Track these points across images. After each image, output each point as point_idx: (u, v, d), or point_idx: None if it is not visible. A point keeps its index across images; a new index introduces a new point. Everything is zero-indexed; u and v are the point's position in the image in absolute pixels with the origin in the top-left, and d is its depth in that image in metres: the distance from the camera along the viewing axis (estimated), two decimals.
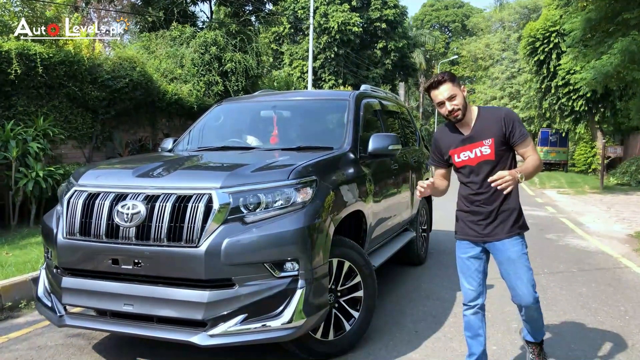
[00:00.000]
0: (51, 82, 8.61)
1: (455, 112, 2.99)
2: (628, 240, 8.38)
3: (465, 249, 3.15)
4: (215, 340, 3.02)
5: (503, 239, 3.02)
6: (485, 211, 3.04)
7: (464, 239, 3.15)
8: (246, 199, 3.16)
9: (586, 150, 25.33)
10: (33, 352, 3.78)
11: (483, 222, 3.06)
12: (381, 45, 33.88)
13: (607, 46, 14.16)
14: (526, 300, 3.04)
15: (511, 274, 3.04)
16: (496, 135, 2.98)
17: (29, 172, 7.64)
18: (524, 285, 3.02)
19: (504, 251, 3.03)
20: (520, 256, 3.02)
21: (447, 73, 3.03)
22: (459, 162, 3.10)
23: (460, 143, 3.07)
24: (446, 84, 2.98)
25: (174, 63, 13.28)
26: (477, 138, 3.02)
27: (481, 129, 3.03)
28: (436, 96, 3.02)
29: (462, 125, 3.08)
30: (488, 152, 2.99)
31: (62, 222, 3.41)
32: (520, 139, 2.99)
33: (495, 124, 3.00)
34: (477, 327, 3.15)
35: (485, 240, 3.07)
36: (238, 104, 5.67)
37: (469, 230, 3.12)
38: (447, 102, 2.98)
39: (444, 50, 57.73)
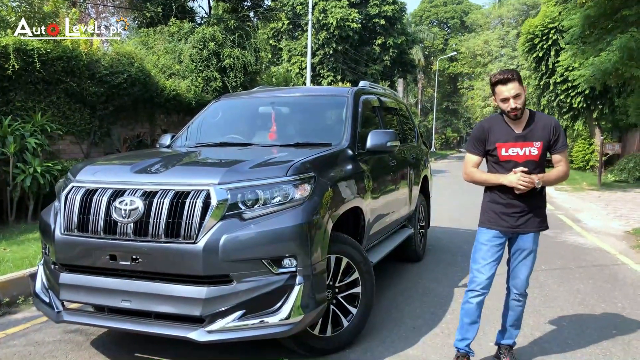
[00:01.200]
0: (49, 78, 8.58)
1: (516, 110, 3.17)
2: (625, 237, 8.39)
3: (491, 238, 3.36)
4: (213, 336, 3.02)
5: (531, 232, 3.34)
6: (521, 205, 3.28)
7: (494, 229, 3.35)
8: (244, 195, 3.16)
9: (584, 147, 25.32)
10: (31, 347, 3.78)
11: (517, 215, 3.30)
12: (380, 41, 33.81)
13: (605, 43, 14.14)
14: (521, 283, 3.42)
15: (522, 261, 3.40)
16: (545, 139, 3.24)
17: (26, 167, 7.63)
18: (527, 271, 3.41)
19: (527, 242, 3.36)
20: (536, 249, 3.41)
21: (516, 72, 3.20)
22: (504, 157, 3.28)
23: (512, 139, 3.26)
24: (514, 83, 3.15)
25: (172, 59, 13.25)
26: (529, 138, 3.25)
27: (533, 131, 3.25)
28: (502, 92, 3.18)
29: (515, 123, 3.27)
30: (535, 153, 3.24)
31: (59, 218, 3.40)
32: (561, 149, 3.29)
33: (545, 130, 3.25)
34: (477, 314, 3.40)
35: (516, 231, 3.34)
36: (236, 100, 5.66)
37: (501, 221, 3.33)
38: (512, 100, 3.15)
39: (443, 46, 57.68)
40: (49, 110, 8.62)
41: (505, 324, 3.55)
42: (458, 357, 3.46)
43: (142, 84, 10.54)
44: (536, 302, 4.90)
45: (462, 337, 3.44)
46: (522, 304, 3.48)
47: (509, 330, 3.54)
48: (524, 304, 3.50)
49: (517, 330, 3.55)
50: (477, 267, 3.37)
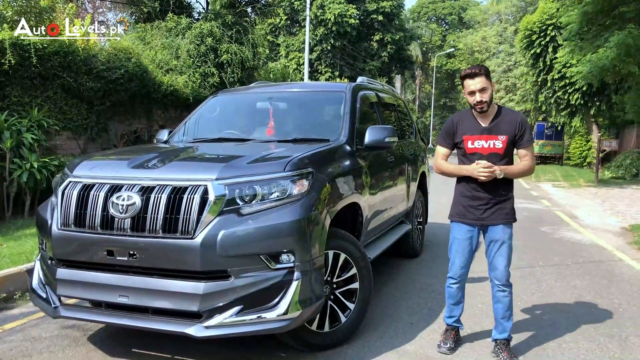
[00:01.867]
0: (45, 73, 8.54)
1: (482, 103, 3.36)
2: (622, 233, 8.42)
3: (463, 232, 3.56)
4: (210, 332, 3.02)
5: (499, 223, 3.47)
6: (486, 197, 3.45)
7: (463, 222, 3.55)
8: (242, 190, 3.15)
9: (581, 144, 25.40)
10: (28, 343, 3.77)
11: (482, 207, 3.47)
12: (378, 37, 33.76)
13: (603, 39, 14.16)
14: (501, 274, 3.51)
15: (497, 252, 3.50)
16: (510, 134, 3.40)
17: (23, 163, 7.60)
18: (505, 261, 3.50)
19: (497, 233, 3.48)
20: (509, 238, 3.50)
21: (484, 67, 3.40)
22: (470, 149, 3.46)
23: (478, 132, 3.44)
24: (481, 77, 3.34)
25: (169, 54, 13.20)
26: (494, 132, 3.41)
27: (498, 125, 3.42)
28: (469, 85, 3.37)
29: (482, 116, 3.45)
30: (500, 146, 3.40)
31: (56, 213, 3.39)
32: (526, 144, 3.44)
33: (511, 125, 3.41)
34: (460, 296, 3.71)
35: (483, 223, 3.49)
36: (234, 95, 5.64)
37: (468, 213, 3.52)
38: (478, 93, 3.34)
39: (441, 43, 57.63)
40: (46, 106, 8.58)
41: (496, 317, 3.61)
42: (447, 330, 3.77)
43: (140, 80, 10.50)
44: (533, 297, 4.91)
45: (449, 314, 3.75)
46: (507, 294, 3.54)
47: (501, 324, 3.58)
48: (509, 294, 3.55)
49: (509, 322, 3.58)
50: (452, 259, 3.64)
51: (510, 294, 3.56)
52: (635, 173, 18.53)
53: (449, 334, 3.74)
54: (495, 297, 3.59)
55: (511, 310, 3.59)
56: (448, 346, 3.66)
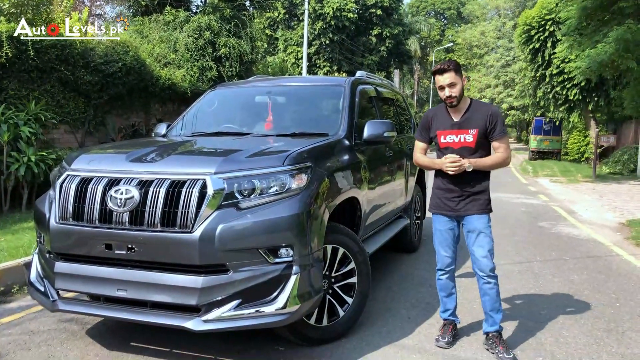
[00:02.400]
0: (42, 66, 8.50)
1: (451, 98, 3.44)
2: (619, 228, 8.44)
3: (443, 223, 3.66)
4: (209, 326, 3.02)
5: (473, 214, 3.53)
6: (458, 190, 3.53)
7: (440, 213, 3.65)
8: (241, 184, 3.14)
9: (579, 139, 25.39)
10: (26, 336, 3.77)
11: (457, 199, 3.55)
12: (376, 32, 33.66)
13: (602, 35, 14.13)
14: (482, 264, 3.52)
15: (475, 242, 3.54)
16: (480, 127, 3.46)
17: (20, 156, 7.58)
18: (485, 251, 3.51)
19: (472, 223, 3.55)
20: (485, 227, 3.53)
21: (454, 63, 3.46)
22: (443, 143, 3.56)
23: (449, 127, 3.53)
24: (450, 73, 3.41)
25: (167, 48, 13.15)
26: (464, 126, 3.49)
27: (469, 119, 3.49)
28: (438, 80, 3.46)
29: (455, 111, 3.53)
30: (470, 140, 3.47)
31: (54, 206, 3.38)
32: (498, 135, 3.48)
33: (482, 118, 3.47)
34: (450, 287, 3.75)
35: (458, 214, 3.58)
36: (232, 89, 5.62)
37: (443, 205, 3.61)
38: (447, 88, 3.43)
39: (440, 37, 57.51)
40: (43, 99, 8.55)
41: (485, 310, 3.62)
42: (444, 324, 3.81)
43: (137, 73, 10.47)
44: (531, 292, 4.92)
45: (444, 308, 3.80)
46: (493, 285, 3.54)
47: (491, 316, 3.59)
48: (495, 285, 3.55)
49: (499, 314, 3.58)
50: (438, 250, 3.72)
51: (496, 285, 3.56)
52: (633, 169, 18.55)
53: (447, 329, 3.77)
54: (482, 290, 3.59)
55: (499, 302, 3.59)
56: (446, 340, 3.68)
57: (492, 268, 3.51)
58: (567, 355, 3.57)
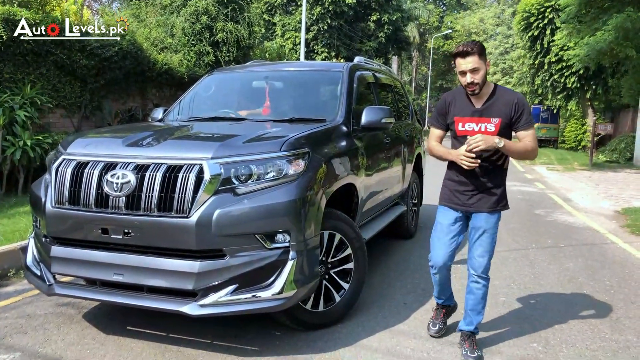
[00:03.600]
0: (38, 49, 8.41)
1: (473, 85, 3.08)
2: (615, 216, 8.47)
3: (448, 217, 3.36)
4: (205, 310, 3.03)
5: (484, 211, 3.25)
6: (474, 183, 3.24)
7: (449, 206, 3.36)
8: (238, 170, 3.13)
9: (577, 127, 25.41)
10: (22, 320, 3.78)
11: (469, 193, 3.27)
12: (375, 17, 33.43)
13: (601, 22, 14.07)
14: (477, 264, 3.30)
15: (477, 240, 3.29)
16: (504, 116, 3.11)
17: (16, 140, 7.54)
18: (483, 251, 3.28)
19: (479, 220, 3.28)
20: (492, 227, 3.27)
21: (478, 45, 3.07)
22: (461, 131, 3.22)
23: (469, 113, 3.19)
24: (473, 57, 3.03)
25: (164, 32, 13.02)
26: (486, 114, 3.15)
27: (492, 107, 3.14)
28: (460, 64, 3.08)
29: (476, 97, 3.17)
30: (492, 130, 3.13)
31: (50, 191, 3.36)
32: (524, 126, 3.14)
33: (506, 106, 3.12)
34: (444, 282, 3.52)
35: (468, 210, 3.29)
36: (229, 74, 5.58)
37: (454, 198, 3.33)
38: (469, 74, 3.05)
39: (438, 24, 57.19)
40: (39, 83, 8.47)
41: (466, 308, 3.43)
42: (437, 308, 3.71)
43: (134, 58, 10.38)
44: (526, 279, 4.95)
45: (438, 295, 3.64)
46: (481, 286, 3.33)
47: (470, 316, 3.39)
48: (484, 288, 3.34)
49: (479, 316, 3.39)
50: (433, 245, 3.42)
51: (485, 287, 3.34)
52: (630, 157, 18.60)
53: (439, 313, 3.68)
54: (468, 288, 3.39)
55: (483, 304, 3.38)
56: (437, 328, 3.60)
57: (485, 269, 3.30)
58: (561, 341, 3.60)
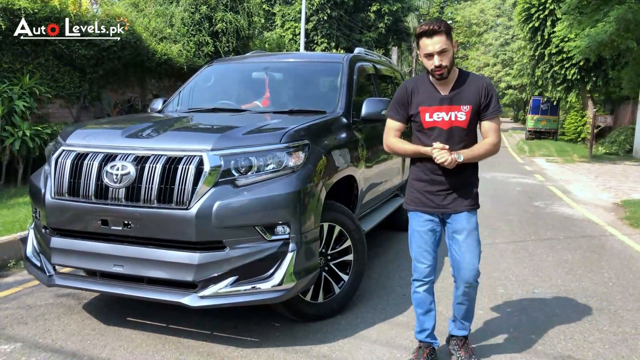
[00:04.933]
0: (37, 39, 8.36)
1: (441, 69, 2.74)
2: (614, 208, 8.49)
3: (423, 222, 2.97)
4: (205, 302, 3.04)
5: (462, 211, 2.91)
6: (447, 182, 2.88)
7: (421, 211, 2.97)
8: (237, 161, 3.13)
9: (576, 119, 25.37)
10: (23, 310, 3.79)
11: (443, 193, 2.91)
12: (375, 8, 33.25)
13: (602, 14, 14.02)
14: (469, 273, 2.92)
15: (463, 245, 2.92)
16: (474, 103, 2.82)
17: (15, 131, 7.52)
18: (473, 257, 2.91)
19: (460, 222, 2.91)
20: (475, 228, 2.94)
21: (444, 23, 2.73)
22: (428, 122, 2.86)
23: (437, 102, 2.83)
24: (440, 36, 2.70)
25: (163, 22, 12.96)
26: (455, 101, 2.83)
27: (461, 93, 2.83)
28: (426, 46, 2.73)
29: (441, 83, 2.84)
30: (463, 119, 2.82)
31: (50, 182, 3.36)
32: (492, 114, 2.84)
33: (476, 92, 2.83)
34: (429, 302, 3.07)
35: (444, 211, 2.93)
36: (229, 65, 5.56)
37: (426, 200, 2.94)
38: (437, 56, 2.72)
39: (439, 15, 56.87)
40: (38, 73, 8.44)
41: (456, 315, 3.14)
42: (420, 347, 3.14)
43: (133, 48, 10.34)
44: (525, 271, 4.97)
45: (420, 328, 3.12)
46: (471, 297, 3.02)
47: (462, 323, 3.14)
48: (473, 295, 3.02)
49: (469, 322, 3.15)
50: (415, 256, 3.04)
51: (474, 295, 3.03)
52: (629, 149, 18.60)
53: (422, 352, 3.10)
54: (458, 299, 3.04)
55: (473, 310, 3.12)
56: None
57: (477, 274, 2.95)
58: (559, 332, 3.62)
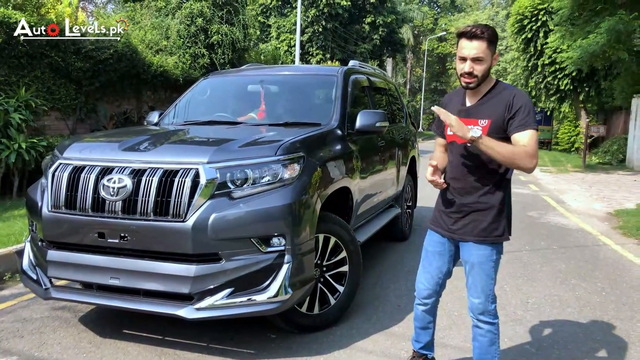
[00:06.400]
0: (33, 52, 8.40)
1: (470, 77, 2.50)
2: (607, 218, 8.54)
3: (434, 242, 2.83)
4: (201, 314, 3.05)
5: (469, 240, 2.64)
6: (457, 202, 2.66)
7: (434, 230, 2.83)
8: (233, 174, 3.16)
9: (570, 129, 25.57)
10: (18, 324, 3.79)
11: (454, 216, 2.68)
12: (369, 20, 33.50)
13: (594, 25, 14.20)
14: (475, 307, 2.69)
15: (469, 278, 2.71)
16: (496, 117, 2.50)
17: (11, 143, 7.52)
18: (478, 293, 2.66)
19: (466, 252, 2.69)
20: (483, 261, 2.63)
21: (490, 30, 2.47)
22: (449, 136, 2.68)
23: (456, 114, 2.58)
24: (481, 42, 2.44)
25: (159, 34, 13.04)
26: (474, 114, 2.57)
27: (484, 106, 2.57)
28: (462, 48, 2.49)
29: (471, 94, 2.62)
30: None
31: (47, 195, 3.38)
32: (519, 129, 2.44)
33: (500, 104, 2.51)
34: (427, 321, 2.98)
35: (453, 236, 2.71)
36: (225, 77, 5.61)
37: (440, 220, 2.77)
38: (469, 62, 2.47)
39: (433, 26, 57.36)
40: (34, 85, 8.46)
41: (474, 357, 2.81)
42: (414, 357, 3.11)
43: (129, 60, 10.39)
44: (519, 281, 5.00)
45: (416, 339, 3.07)
46: (485, 332, 2.69)
47: None
48: (489, 334, 2.69)
49: None
50: (418, 274, 2.93)
51: (490, 333, 2.69)
52: (622, 159, 18.73)
53: None
54: (472, 333, 2.79)
55: (494, 354, 2.72)
56: None
57: (483, 311, 2.66)
58: (554, 342, 3.64)
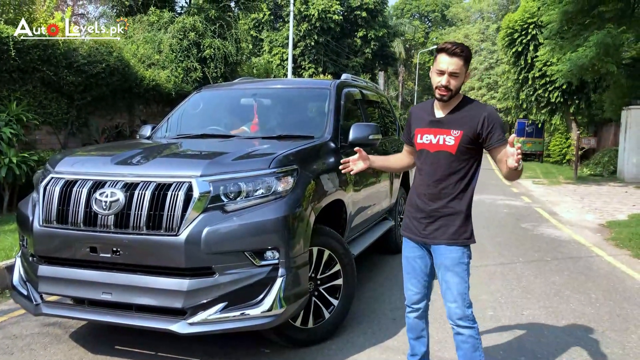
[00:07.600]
0: (24, 66, 8.38)
1: (446, 90, 2.63)
2: (599, 229, 8.58)
3: (411, 248, 2.90)
4: (194, 329, 3.02)
5: (441, 244, 2.73)
6: (427, 209, 2.75)
7: (407, 236, 2.90)
8: (227, 187, 3.15)
9: (561, 141, 25.77)
10: (8, 341, 3.73)
11: (424, 221, 2.77)
12: (361, 34, 33.81)
13: (583, 39, 14.39)
14: (452, 313, 2.73)
15: (442, 282, 2.76)
16: (467, 129, 2.66)
17: (2, 158, 7.47)
18: (452, 296, 2.71)
19: (439, 255, 2.76)
20: (456, 264, 2.71)
21: (467, 50, 2.65)
22: (419, 144, 2.79)
23: (428, 124, 2.77)
24: (459, 60, 2.60)
25: (151, 48, 13.06)
26: (446, 125, 2.71)
27: (456, 118, 2.70)
28: (441, 62, 2.63)
29: (442, 106, 2.75)
30: (451, 144, 2.67)
31: (38, 209, 3.35)
32: (499, 142, 2.63)
33: (473, 120, 2.66)
34: (420, 328, 3.00)
35: (425, 241, 2.79)
36: (218, 91, 5.62)
37: (412, 227, 2.85)
38: (446, 76, 2.61)
39: (424, 40, 57.89)
40: (25, 100, 8.43)
41: None
42: None
43: (121, 74, 10.39)
44: (513, 293, 4.99)
45: (412, 352, 3.07)
46: (466, 337, 2.71)
47: None
48: (470, 339, 2.71)
49: None
50: (405, 282, 2.97)
51: (471, 338, 2.71)
52: (613, 170, 18.85)
53: None
54: (455, 342, 2.80)
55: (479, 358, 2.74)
56: None
57: (462, 316, 2.70)
58: (549, 354, 3.63)
